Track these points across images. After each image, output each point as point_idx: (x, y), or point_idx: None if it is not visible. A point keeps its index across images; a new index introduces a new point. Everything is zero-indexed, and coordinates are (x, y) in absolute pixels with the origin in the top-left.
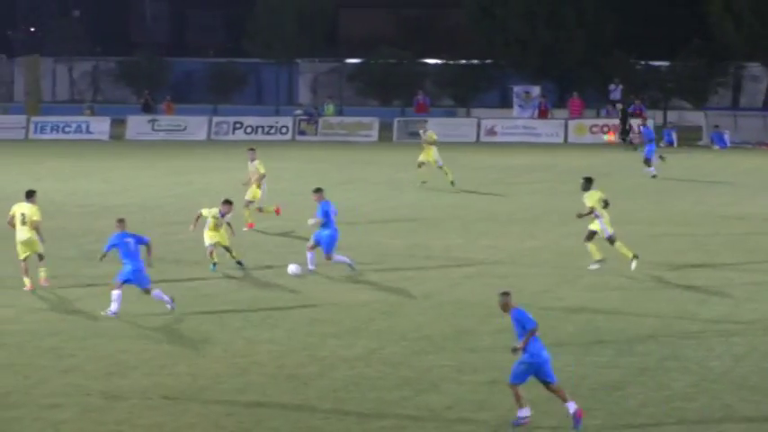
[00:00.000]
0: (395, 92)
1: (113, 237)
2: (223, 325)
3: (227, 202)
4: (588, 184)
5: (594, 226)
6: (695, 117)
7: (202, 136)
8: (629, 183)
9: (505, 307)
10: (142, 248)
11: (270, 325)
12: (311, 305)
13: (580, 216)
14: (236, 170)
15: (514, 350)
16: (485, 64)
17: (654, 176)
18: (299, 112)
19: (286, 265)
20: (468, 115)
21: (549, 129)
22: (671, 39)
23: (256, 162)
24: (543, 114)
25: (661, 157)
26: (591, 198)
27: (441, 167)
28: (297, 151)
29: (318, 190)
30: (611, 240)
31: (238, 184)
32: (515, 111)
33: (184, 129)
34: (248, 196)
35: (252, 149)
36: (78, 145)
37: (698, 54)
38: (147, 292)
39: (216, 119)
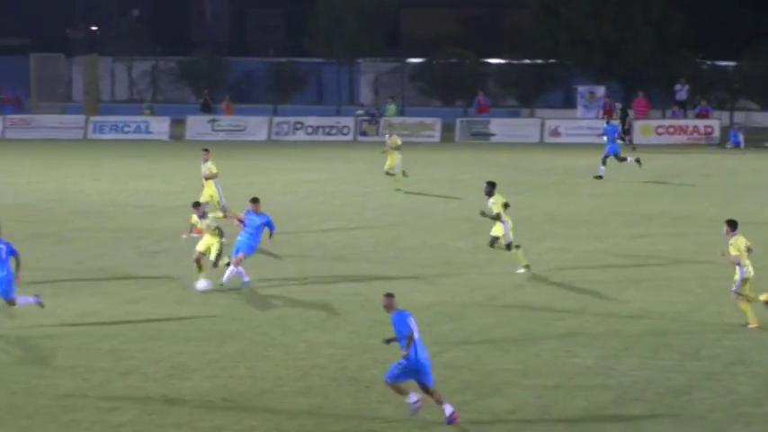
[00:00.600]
0: (457, 92)
1: None
2: (284, 327)
3: (195, 204)
4: (492, 188)
5: (498, 231)
6: (762, 118)
7: (263, 136)
8: (696, 184)
9: (388, 308)
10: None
11: (331, 327)
12: (372, 307)
13: (483, 215)
14: (297, 171)
15: (387, 341)
16: (549, 63)
17: (599, 177)
18: (360, 112)
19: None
20: (531, 115)
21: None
22: (738, 38)
23: (209, 163)
24: (608, 114)
25: (637, 161)
26: (497, 203)
27: (392, 174)
28: (358, 152)
29: (254, 200)
30: (508, 247)
31: (298, 185)
32: (579, 111)
33: (244, 129)
34: (203, 198)
35: (206, 150)
36: (138, 145)
37: (765, 54)
38: (12, 303)
39: (276, 119)
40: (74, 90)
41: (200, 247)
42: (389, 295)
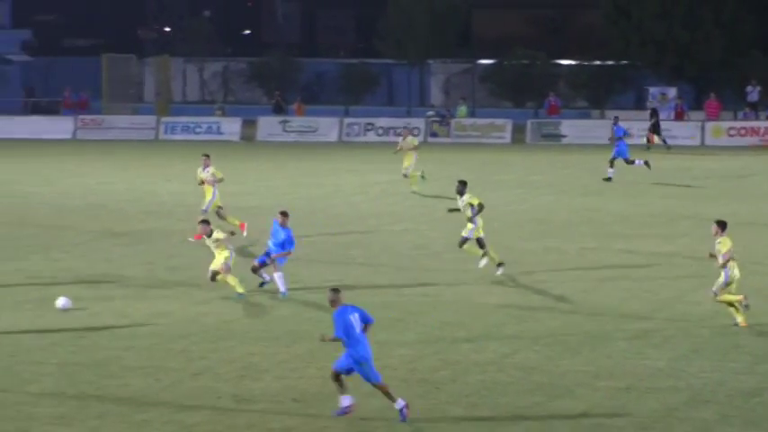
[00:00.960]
0: (528, 93)
1: None
2: None
3: (202, 222)
4: (463, 187)
5: (466, 231)
6: None
7: (333, 137)
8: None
9: (332, 303)
10: None
11: (401, 328)
12: (443, 308)
13: (451, 211)
14: (368, 172)
15: (329, 340)
16: (620, 65)
17: (608, 179)
18: (431, 113)
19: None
20: (602, 117)
21: (686, 131)
22: None
23: (211, 169)
24: (679, 116)
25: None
26: (474, 199)
27: (405, 176)
28: (429, 153)
29: (284, 213)
30: (461, 245)
31: (368, 186)
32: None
33: (316, 130)
34: (213, 205)
35: (206, 156)
36: (209, 146)
37: None
38: None
39: (347, 120)
40: (145, 91)
41: (213, 265)
42: (335, 290)
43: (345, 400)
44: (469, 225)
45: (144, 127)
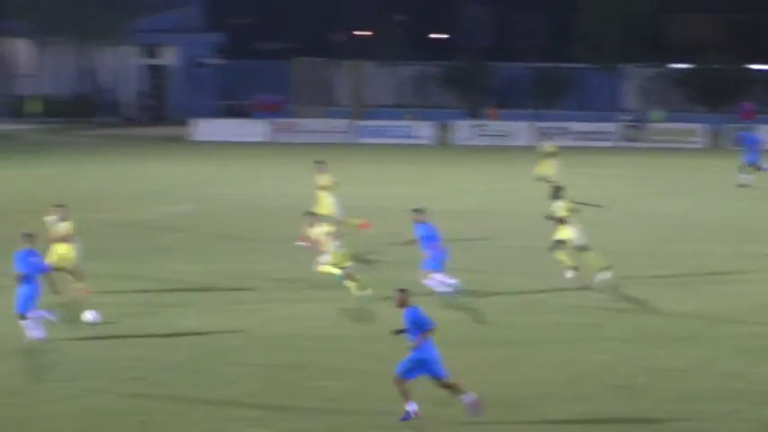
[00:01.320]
0: (722, 98)
1: (20, 255)
2: (547, 333)
3: (306, 215)
4: (557, 192)
5: (563, 234)
6: None
7: (526, 141)
8: None
9: (402, 304)
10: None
11: (597, 333)
12: (637, 313)
13: (550, 218)
14: (562, 177)
15: (397, 332)
16: None
17: (742, 186)
18: (626, 117)
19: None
20: None
21: None
22: None
23: (323, 176)
24: None
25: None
26: (565, 207)
27: (548, 182)
28: (622, 157)
29: (417, 210)
30: (581, 249)
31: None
32: None
33: (509, 134)
34: (321, 210)
35: (321, 162)
36: (402, 149)
37: None
38: (23, 317)
39: (540, 124)
40: (338, 94)
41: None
42: (403, 291)
43: (413, 405)
44: (567, 231)
45: (337, 130)
